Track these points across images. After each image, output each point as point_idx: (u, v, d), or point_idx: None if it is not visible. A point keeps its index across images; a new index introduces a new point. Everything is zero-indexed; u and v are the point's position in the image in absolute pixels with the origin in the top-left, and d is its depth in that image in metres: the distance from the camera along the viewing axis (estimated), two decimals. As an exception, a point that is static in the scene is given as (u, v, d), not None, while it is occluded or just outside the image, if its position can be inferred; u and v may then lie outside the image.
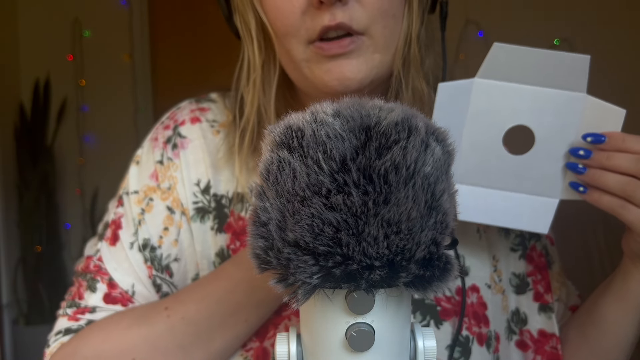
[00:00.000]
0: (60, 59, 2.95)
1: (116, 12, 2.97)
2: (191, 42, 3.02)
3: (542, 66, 0.59)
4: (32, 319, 2.78)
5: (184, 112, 0.73)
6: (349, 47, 0.59)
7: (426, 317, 0.66)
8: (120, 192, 0.72)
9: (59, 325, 0.68)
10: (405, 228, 0.33)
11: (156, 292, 0.68)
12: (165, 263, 0.68)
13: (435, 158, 0.35)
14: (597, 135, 0.60)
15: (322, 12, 0.58)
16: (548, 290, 0.74)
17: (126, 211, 0.69)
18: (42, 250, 2.80)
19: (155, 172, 0.69)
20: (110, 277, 0.67)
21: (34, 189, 2.76)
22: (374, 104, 0.37)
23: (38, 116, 2.86)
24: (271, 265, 0.35)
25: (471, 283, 0.69)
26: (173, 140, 0.70)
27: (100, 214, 3.31)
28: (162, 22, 3.08)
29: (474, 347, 0.67)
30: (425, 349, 0.39)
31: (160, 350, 0.62)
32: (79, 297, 0.68)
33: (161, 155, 0.70)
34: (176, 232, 0.68)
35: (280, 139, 0.36)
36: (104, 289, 0.67)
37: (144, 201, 0.69)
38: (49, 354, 0.66)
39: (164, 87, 3.08)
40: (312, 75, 0.62)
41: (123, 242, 0.68)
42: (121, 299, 0.67)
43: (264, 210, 0.35)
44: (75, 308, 0.67)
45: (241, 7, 0.65)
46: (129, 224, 0.69)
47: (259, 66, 0.66)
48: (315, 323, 0.37)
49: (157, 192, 0.69)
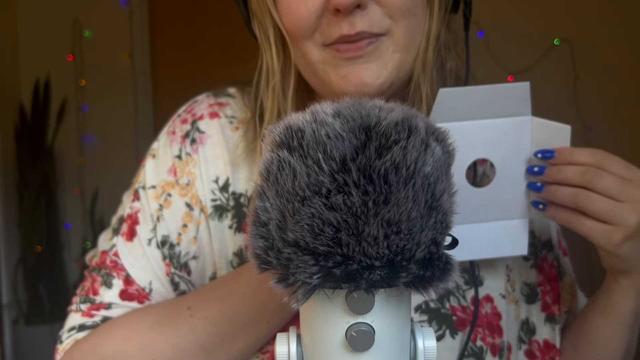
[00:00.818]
0: (60, 59, 2.95)
1: (116, 12, 2.97)
2: (191, 42, 3.02)
3: (487, 101, 0.61)
4: (32, 319, 2.78)
5: (202, 106, 0.71)
6: (367, 48, 0.58)
7: (442, 327, 0.66)
8: (136, 185, 0.70)
9: (71, 321, 0.66)
10: (405, 228, 0.33)
11: (173, 290, 0.67)
12: (184, 261, 0.66)
13: (435, 158, 0.35)
14: (547, 151, 0.62)
15: (340, 20, 0.57)
16: (556, 302, 0.74)
17: (143, 206, 0.68)
18: (42, 250, 2.80)
19: (174, 166, 0.68)
20: (127, 274, 0.66)
21: (34, 189, 2.76)
22: (374, 104, 0.37)
23: (38, 116, 2.86)
24: (271, 265, 0.35)
25: (485, 293, 0.69)
26: (192, 135, 0.69)
27: (101, 214, 3.31)
28: (162, 22, 3.08)
29: (487, 358, 0.67)
30: (425, 349, 0.39)
31: (182, 351, 0.61)
32: (93, 293, 0.67)
33: (179, 150, 0.68)
34: (195, 229, 0.66)
35: (280, 139, 0.36)
36: (120, 285, 0.66)
37: (162, 197, 0.67)
38: (62, 351, 0.65)
39: (164, 87, 3.08)
40: (328, 79, 0.61)
41: (141, 238, 0.66)
42: (138, 295, 0.66)
43: (264, 210, 0.35)
44: (90, 304, 0.66)
45: (259, 13, 0.64)
46: (146, 219, 0.67)
47: (277, 71, 0.65)
48: (315, 323, 0.37)
49: (175, 188, 0.67)
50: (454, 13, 0.66)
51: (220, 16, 2.95)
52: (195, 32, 3.02)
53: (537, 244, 0.75)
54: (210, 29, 2.99)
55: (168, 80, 3.06)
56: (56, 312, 2.82)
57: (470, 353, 0.66)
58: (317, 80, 0.63)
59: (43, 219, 2.81)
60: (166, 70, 3.07)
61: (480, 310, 0.68)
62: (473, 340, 0.66)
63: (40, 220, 2.79)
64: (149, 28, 3.04)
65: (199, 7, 3.01)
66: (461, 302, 0.68)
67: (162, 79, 3.08)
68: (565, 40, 2.54)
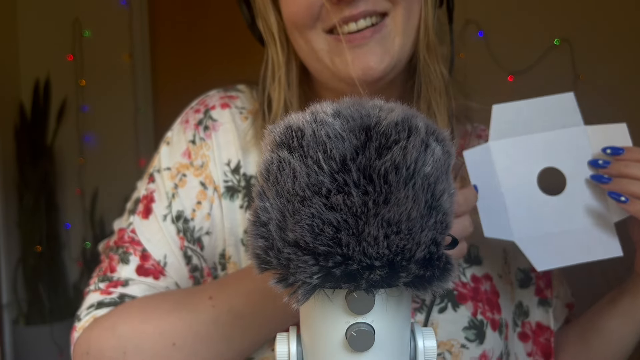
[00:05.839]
0: (60, 59, 2.95)
1: (116, 12, 2.97)
2: (191, 42, 3.02)
3: (539, 113, 0.66)
4: (32, 319, 2.78)
5: (214, 98, 0.75)
6: (373, 37, 0.61)
7: (444, 300, 0.68)
8: (151, 170, 0.73)
9: (90, 300, 0.68)
10: (405, 228, 0.33)
11: (186, 264, 0.69)
12: (197, 235, 0.69)
13: (435, 158, 0.35)
14: (616, 148, 0.64)
15: (342, 7, 0.60)
16: (548, 286, 0.78)
17: (158, 186, 0.71)
18: (42, 250, 2.80)
19: (188, 150, 0.71)
20: (144, 249, 0.68)
21: (34, 189, 2.76)
22: (374, 104, 0.37)
23: (38, 116, 2.86)
24: (271, 265, 0.35)
25: (485, 272, 0.72)
26: (204, 123, 0.73)
27: (101, 214, 3.31)
28: (162, 22, 3.08)
29: (488, 332, 0.69)
30: (425, 349, 0.39)
31: (202, 338, 0.61)
32: (110, 271, 0.69)
33: (193, 136, 0.72)
34: (209, 206, 0.69)
35: (281, 139, 0.36)
36: (137, 260, 0.68)
37: (177, 177, 0.70)
38: (80, 328, 0.66)
39: (164, 87, 3.08)
40: (333, 66, 0.64)
41: (156, 214, 0.70)
42: (154, 271, 0.68)
43: (264, 210, 0.35)
44: (108, 282, 0.68)
45: (262, 9, 0.68)
46: (161, 197, 0.70)
47: (282, 64, 0.68)
48: (315, 323, 0.37)
49: (190, 169, 0.71)
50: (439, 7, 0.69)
51: (221, 16, 2.95)
52: (195, 32, 3.02)
53: None
54: (210, 29, 2.99)
55: (168, 80, 3.06)
56: (56, 312, 2.82)
57: (471, 325, 0.68)
58: (321, 67, 0.65)
59: (43, 219, 2.80)
60: (166, 70, 3.07)
61: (480, 287, 0.71)
62: (474, 314, 0.69)
63: (40, 220, 2.79)
64: (149, 28, 3.04)
65: (199, 7, 3.01)
66: (461, 279, 0.70)
67: (162, 79, 3.08)
68: (565, 40, 2.54)
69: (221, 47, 2.94)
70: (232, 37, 3.01)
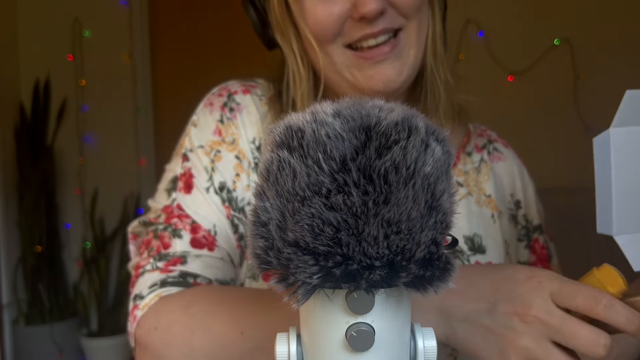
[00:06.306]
0: (60, 59, 2.95)
1: (116, 12, 2.97)
2: (191, 42, 3.03)
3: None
4: (32, 319, 2.78)
5: (235, 85, 0.78)
6: (392, 52, 0.65)
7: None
8: (182, 150, 0.74)
9: (150, 279, 0.67)
10: (405, 228, 0.33)
11: (233, 232, 0.70)
12: (241, 205, 0.71)
13: (435, 158, 0.35)
14: None
15: (363, 25, 0.64)
16: None
17: (195, 164, 0.72)
18: (42, 250, 2.80)
19: (218, 128, 0.74)
20: (193, 220, 0.70)
21: (34, 189, 2.76)
22: (374, 104, 0.37)
23: (38, 116, 2.86)
24: (271, 265, 0.35)
25: (488, 261, 0.74)
26: (229, 105, 0.76)
27: (101, 214, 3.31)
28: (162, 22, 3.08)
29: None
30: (425, 349, 0.39)
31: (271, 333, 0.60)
32: (164, 248, 0.69)
33: (220, 116, 0.75)
34: (247, 178, 0.72)
35: (281, 139, 0.36)
36: (189, 234, 0.69)
37: (211, 153, 0.72)
38: (145, 306, 0.65)
39: (164, 87, 3.08)
40: (354, 80, 0.68)
41: (199, 188, 0.71)
42: (207, 242, 0.69)
43: (264, 210, 0.35)
44: (165, 260, 0.68)
45: (282, 23, 0.71)
46: (200, 172, 0.72)
47: (304, 78, 0.72)
48: (315, 323, 0.37)
49: (222, 145, 0.73)
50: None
51: (221, 16, 2.95)
52: (195, 32, 3.02)
53: (530, 227, 0.81)
54: (210, 29, 2.99)
55: (168, 80, 3.06)
56: (56, 312, 2.82)
57: None
58: (340, 79, 0.69)
59: (43, 219, 2.81)
60: (166, 70, 3.07)
61: None
62: None
63: (40, 220, 2.79)
64: (149, 28, 3.04)
65: (199, 7, 3.01)
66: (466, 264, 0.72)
67: (162, 79, 3.08)
68: (565, 40, 2.54)
69: (221, 47, 2.94)
70: (232, 37, 3.01)
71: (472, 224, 0.75)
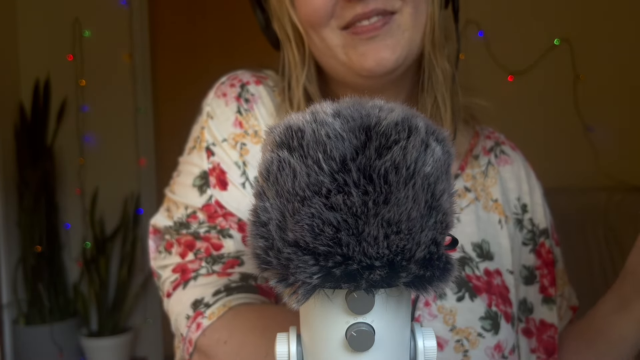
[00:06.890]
0: (60, 59, 2.95)
1: (116, 12, 2.97)
2: (191, 42, 3.02)
3: None
4: (32, 319, 2.78)
5: (245, 75, 0.76)
6: (382, 28, 0.64)
7: (462, 289, 0.70)
8: (203, 145, 0.71)
9: (210, 284, 0.66)
10: (405, 228, 0.33)
11: None
12: None
13: (435, 158, 0.35)
14: None
15: (354, 4, 0.63)
16: (552, 285, 0.78)
17: (222, 158, 0.70)
18: (42, 250, 2.80)
19: (237, 120, 0.72)
20: (239, 218, 0.68)
21: (34, 189, 2.76)
22: (374, 104, 0.37)
23: (38, 116, 2.86)
24: (271, 265, 0.35)
25: (496, 267, 0.73)
26: (244, 96, 0.74)
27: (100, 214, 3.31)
28: (162, 22, 3.08)
29: (502, 323, 0.70)
30: (425, 349, 0.39)
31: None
32: (215, 249, 0.67)
33: (237, 107, 0.73)
34: None
35: (281, 139, 0.36)
36: (238, 233, 0.67)
37: (237, 146, 0.70)
38: (213, 315, 0.63)
39: (164, 87, 3.08)
40: (349, 60, 0.66)
41: (235, 183, 0.69)
42: None
43: (264, 210, 0.35)
44: (221, 263, 0.66)
45: (279, 11, 0.70)
46: (231, 168, 0.70)
47: (299, 62, 0.71)
48: (315, 323, 0.37)
49: (246, 138, 0.71)
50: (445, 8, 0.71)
51: (220, 16, 2.95)
52: (195, 32, 3.02)
53: (536, 231, 0.80)
54: (210, 29, 2.99)
55: (168, 80, 3.06)
56: (56, 312, 2.82)
57: (487, 316, 0.70)
58: (337, 63, 0.68)
59: (43, 219, 2.80)
60: (166, 70, 3.07)
61: (492, 281, 0.72)
62: (489, 305, 0.70)
63: (40, 220, 2.79)
64: (149, 28, 3.04)
65: (199, 7, 3.01)
66: (475, 272, 0.72)
67: (162, 79, 3.08)
68: (565, 40, 2.53)
69: (221, 47, 2.94)
70: (232, 38, 3.01)
71: (480, 230, 0.74)
